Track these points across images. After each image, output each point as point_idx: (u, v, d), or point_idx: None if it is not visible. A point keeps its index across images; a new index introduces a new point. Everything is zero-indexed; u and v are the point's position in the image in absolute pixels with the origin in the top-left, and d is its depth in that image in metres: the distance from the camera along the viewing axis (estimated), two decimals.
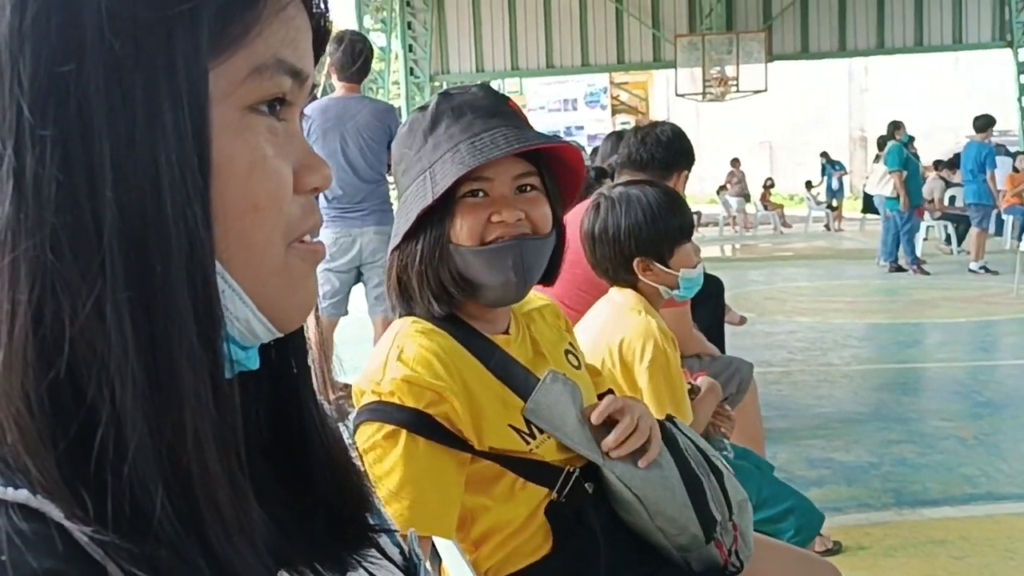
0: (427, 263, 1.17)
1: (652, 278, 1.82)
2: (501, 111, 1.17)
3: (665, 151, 2.69)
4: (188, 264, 0.40)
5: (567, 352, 1.35)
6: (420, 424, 1.09)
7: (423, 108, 1.20)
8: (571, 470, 1.20)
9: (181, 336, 0.40)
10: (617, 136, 4.44)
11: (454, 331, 1.20)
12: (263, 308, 0.47)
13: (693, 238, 1.89)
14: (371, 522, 0.58)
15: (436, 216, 1.15)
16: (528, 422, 1.18)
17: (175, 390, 0.39)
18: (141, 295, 0.39)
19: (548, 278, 1.27)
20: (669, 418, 1.39)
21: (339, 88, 4.17)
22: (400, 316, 1.24)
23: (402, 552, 0.61)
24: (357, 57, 4.03)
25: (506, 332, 1.27)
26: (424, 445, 1.09)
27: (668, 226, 1.80)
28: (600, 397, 1.41)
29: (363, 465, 0.60)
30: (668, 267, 1.82)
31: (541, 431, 1.19)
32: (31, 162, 0.37)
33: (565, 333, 1.40)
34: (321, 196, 4.47)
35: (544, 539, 1.21)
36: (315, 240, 0.51)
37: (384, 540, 0.58)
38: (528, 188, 1.19)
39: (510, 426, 1.17)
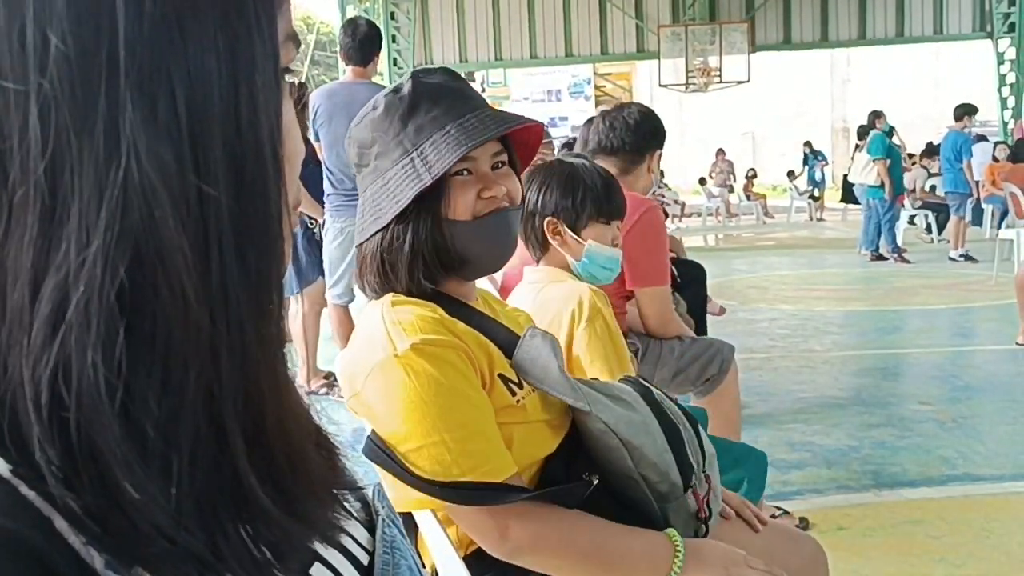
0: (423, 241, 1.23)
1: (560, 243, 1.81)
2: (471, 95, 1.26)
3: (634, 135, 2.66)
4: (271, 213, 0.42)
5: None
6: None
7: (396, 91, 1.25)
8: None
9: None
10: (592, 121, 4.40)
11: (436, 301, 1.26)
12: None
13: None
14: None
15: (428, 196, 1.20)
16: (514, 373, 1.25)
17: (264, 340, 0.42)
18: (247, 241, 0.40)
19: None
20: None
21: (348, 72, 4.15)
22: (374, 298, 1.27)
23: (365, 506, 0.60)
24: (360, 40, 4.02)
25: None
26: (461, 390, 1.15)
27: (583, 193, 1.80)
28: None
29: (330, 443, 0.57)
30: (579, 237, 1.81)
31: (523, 384, 1.25)
32: (135, 109, 0.36)
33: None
34: (327, 184, 4.44)
35: None
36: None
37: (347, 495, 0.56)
38: (500, 165, 1.28)
39: (500, 376, 1.23)
